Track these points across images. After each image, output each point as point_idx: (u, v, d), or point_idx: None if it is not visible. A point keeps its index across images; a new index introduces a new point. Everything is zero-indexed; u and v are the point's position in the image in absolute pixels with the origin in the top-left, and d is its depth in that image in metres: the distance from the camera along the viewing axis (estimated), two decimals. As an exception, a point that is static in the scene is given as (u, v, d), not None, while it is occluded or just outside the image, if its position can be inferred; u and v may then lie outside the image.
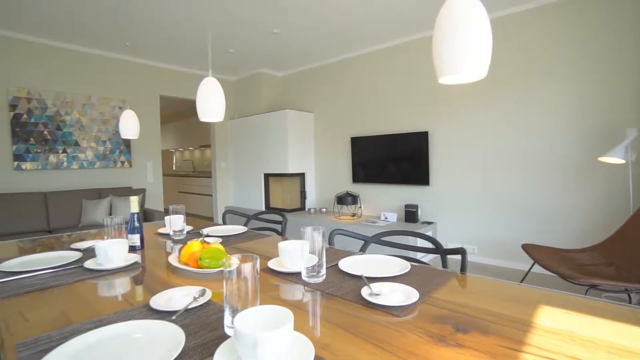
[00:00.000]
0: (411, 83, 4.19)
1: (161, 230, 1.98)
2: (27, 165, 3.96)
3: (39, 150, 4.04)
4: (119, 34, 3.92)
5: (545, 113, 3.31)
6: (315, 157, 5.35)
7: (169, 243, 1.73)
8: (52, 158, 4.14)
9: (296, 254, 1.16)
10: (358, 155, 4.70)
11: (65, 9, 3.27)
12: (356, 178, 4.76)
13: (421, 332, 0.77)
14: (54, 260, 1.40)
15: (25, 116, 3.93)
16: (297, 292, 1.05)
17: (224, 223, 2.30)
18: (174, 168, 9.91)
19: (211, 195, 6.47)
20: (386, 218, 4.33)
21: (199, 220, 2.40)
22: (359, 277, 1.13)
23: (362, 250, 1.56)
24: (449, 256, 1.37)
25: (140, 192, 4.56)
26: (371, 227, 3.98)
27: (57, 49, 4.17)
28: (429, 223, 4.03)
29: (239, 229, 1.93)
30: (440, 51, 0.80)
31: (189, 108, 8.34)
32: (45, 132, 4.09)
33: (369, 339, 0.75)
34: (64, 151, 4.23)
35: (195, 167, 8.88)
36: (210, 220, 5.42)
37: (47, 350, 0.72)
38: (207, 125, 7.23)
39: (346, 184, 4.96)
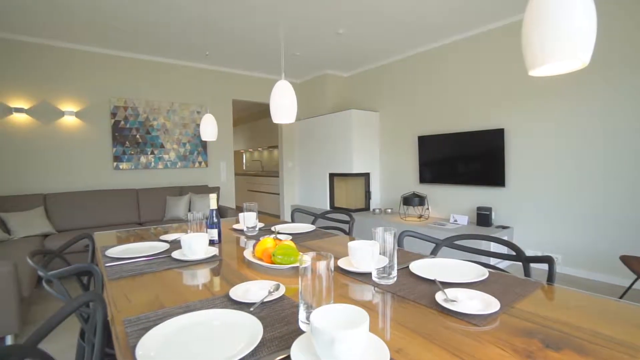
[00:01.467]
0: (485, 77, 3.92)
1: (235, 226, 2.11)
2: (123, 165, 4.51)
3: (132, 152, 4.57)
4: (200, 44, 4.26)
5: (651, 105, 2.86)
6: (381, 157, 5.27)
7: (243, 238, 1.84)
8: (143, 159, 4.66)
9: (366, 254, 1.16)
10: (425, 154, 4.53)
11: (158, 26, 3.65)
12: (423, 178, 4.59)
13: (504, 345, 0.72)
14: (147, 250, 1.58)
15: (122, 122, 4.48)
16: (367, 293, 1.04)
17: (293, 221, 2.38)
18: (244, 168, 10.51)
19: (278, 194, 6.73)
20: (456, 221, 4.11)
21: (266, 217, 2.51)
22: (432, 282, 1.09)
23: (433, 253, 1.50)
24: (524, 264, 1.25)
25: (215, 190, 4.92)
26: (440, 229, 3.80)
27: (147, 62, 4.68)
28: (505, 227, 3.73)
29: (308, 227, 1.98)
30: (533, 38, 0.72)
31: (257, 110, 8.78)
32: (138, 136, 4.61)
33: (446, 347, 0.72)
34: (152, 152, 4.73)
35: (263, 166, 9.31)
36: (277, 218, 5.66)
37: (147, 328, 0.81)
38: (275, 127, 7.54)
39: (412, 184, 4.81)
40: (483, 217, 3.85)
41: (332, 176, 5.45)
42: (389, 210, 4.90)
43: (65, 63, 4.11)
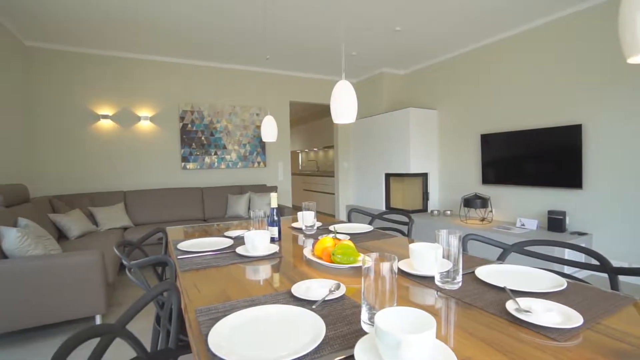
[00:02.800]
0: (557, 69, 3.58)
1: (293, 225, 2.16)
2: (190, 165, 4.86)
3: (198, 153, 4.91)
4: (261, 48, 4.44)
5: None
6: (440, 157, 5.06)
7: (301, 237, 1.88)
8: (207, 159, 4.98)
9: (429, 257, 1.12)
10: (489, 153, 4.26)
11: (222, 34, 3.88)
12: (486, 179, 4.32)
13: (590, 364, 0.65)
14: (213, 245, 1.68)
15: (189, 125, 4.83)
16: (428, 297, 1.01)
17: (349, 221, 2.38)
18: (300, 168, 10.73)
19: (333, 194, 6.78)
20: (523, 225, 3.81)
21: (322, 216, 2.54)
22: (501, 289, 1.02)
23: (501, 259, 1.40)
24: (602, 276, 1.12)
25: (273, 189, 5.09)
26: (505, 234, 3.55)
27: (212, 68, 4.99)
28: (581, 234, 3.38)
29: (365, 227, 1.97)
30: (635, 20, 0.62)
31: (313, 112, 8.92)
32: (203, 138, 4.93)
33: (521, 361, 0.67)
34: (215, 153, 5.03)
35: (319, 166, 9.43)
36: (332, 217, 5.69)
37: (216, 319, 0.86)
38: (330, 127, 7.60)
39: (474, 185, 4.55)
40: (555, 222, 3.52)
41: (388, 176, 5.36)
42: (448, 212, 4.69)
43: (141, 73, 4.54)
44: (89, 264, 2.34)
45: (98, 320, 2.47)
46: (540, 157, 3.72)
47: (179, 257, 1.48)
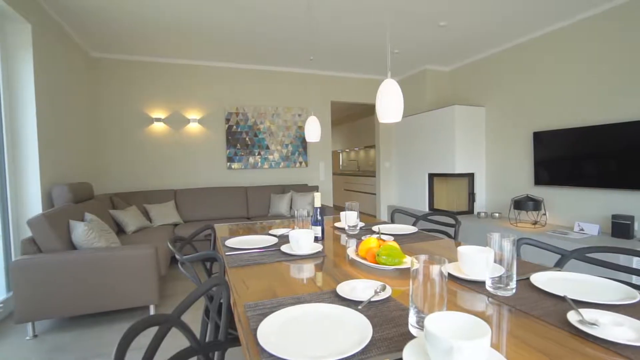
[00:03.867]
0: (622, 58, 3.26)
1: (336, 224, 2.17)
2: (235, 165, 5.04)
3: (242, 153, 5.07)
4: (304, 50, 4.50)
5: None
6: (487, 156, 4.82)
7: (344, 236, 1.87)
8: (251, 159, 5.13)
9: (480, 261, 1.07)
10: (542, 152, 3.98)
11: (268, 40, 3.98)
12: (539, 180, 4.04)
13: (670, 385, 0.59)
14: (259, 242, 1.73)
15: (234, 127, 5.01)
16: (478, 303, 0.97)
17: (392, 222, 2.34)
18: (340, 167, 10.73)
19: (374, 194, 6.70)
20: (582, 229, 3.52)
21: (363, 217, 2.51)
22: (561, 298, 0.95)
23: (559, 265, 1.31)
24: None
25: (315, 188, 5.14)
26: (561, 239, 3.31)
27: (256, 71, 5.14)
28: (653, 241, 3.06)
29: (410, 228, 1.93)
30: None
31: (354, 112, 8.87)
32: (247, 139, 5.09)
33: (587, 376, 0.62)
34: (259, 154, 5.18)
35: (359, 166, 9.37)
36: (373, 217, 5.62)
37: (263, 314, 0.89)
38: (371, 127, 7.52)
39: (526, 186, 4.28)
40: (621, 227, 3.21)
41: (431, 176, 5.20)
42: (497, 215, 4.45)
43: (191, 77, 4.78)
44: (145, 257, 2.51)
45: (152, 310, 2.64)
46: (602, 156, 3.41)
47: (227, 253, 1.54)
